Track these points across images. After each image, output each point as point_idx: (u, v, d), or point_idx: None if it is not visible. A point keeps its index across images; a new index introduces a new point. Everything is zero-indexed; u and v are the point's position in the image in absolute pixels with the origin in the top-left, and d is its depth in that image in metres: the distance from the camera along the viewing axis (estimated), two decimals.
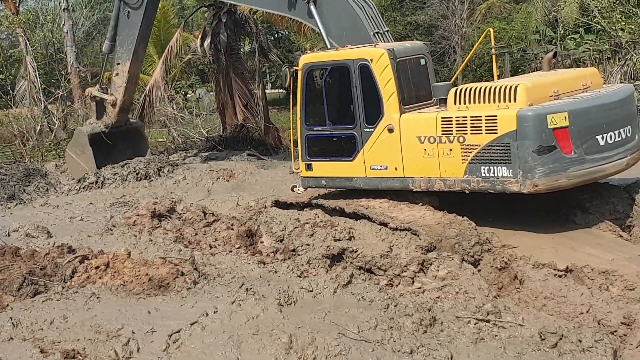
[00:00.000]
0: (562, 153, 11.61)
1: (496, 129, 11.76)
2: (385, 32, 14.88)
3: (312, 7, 15.35)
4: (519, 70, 27.14)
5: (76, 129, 22.12)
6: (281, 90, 37.12)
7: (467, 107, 12.16)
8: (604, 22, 25.83)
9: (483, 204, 13.04)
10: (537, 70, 22.91)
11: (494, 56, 15.00)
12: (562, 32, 27.50)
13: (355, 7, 14.84)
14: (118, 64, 20.29)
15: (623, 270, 10.58)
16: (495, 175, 11.91)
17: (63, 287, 11.00)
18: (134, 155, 21.43)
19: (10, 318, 9.72)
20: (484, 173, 12.00)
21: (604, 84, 14.45)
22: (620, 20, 25.31)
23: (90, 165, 20.58)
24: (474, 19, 31.28)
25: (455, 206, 12.68)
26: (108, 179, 20.09)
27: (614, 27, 25.67)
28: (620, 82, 22.01)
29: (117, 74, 20.43)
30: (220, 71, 25.58)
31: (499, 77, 14.10)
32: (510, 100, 11.76)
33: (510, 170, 11.73)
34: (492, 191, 12.06)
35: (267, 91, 29.86)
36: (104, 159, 20.61)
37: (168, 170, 20.74)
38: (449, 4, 31.39)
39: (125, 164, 20.78)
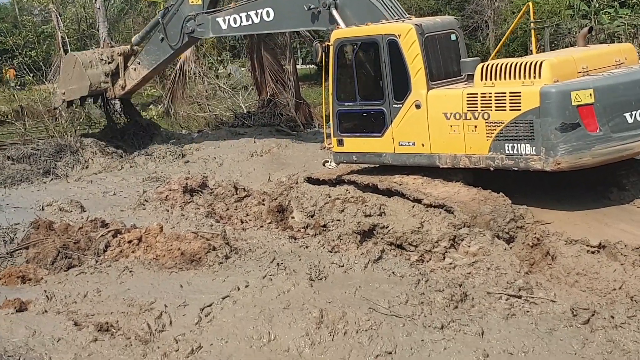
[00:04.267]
0: (586, 131, 11.39)
1: (520, 106, 11.61)
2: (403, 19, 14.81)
3: (335, 12, 15.28)
4: (553, 45, 26.80)
5: (87, 60, 21.39)
6: (312, 66, 36.94)
7: (493, 84, 12.03)
8: None
9: (517, 179, 12.94)
10: (571, 45, 22.64)
11: (533, 31, 14.80)
12: (596, 6, 27.09)
13: (376, 2, 14.74)
14: (139, 63, 20.65)
15: None
16: (519, 152, 11.76)
17: (96, 261, 11.14)
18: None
19: (45, 291, 9.86)
20: (508, 150, 11.87)
21: None
22: None
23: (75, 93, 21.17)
24: None
25: (490, 181, 12.61)
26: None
27: None
28: None
29: (134, 69, 20.79)
30: (252, 47, 25.54)
31: (538, 52, 13.89)
32: (535, 77, 11.59)
33: (534, 148, 11.58)
34: (515, 169, 11.95)
35: (297, 67, 29.77)
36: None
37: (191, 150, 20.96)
38: None
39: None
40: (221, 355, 8.34)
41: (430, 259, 11.30)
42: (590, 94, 11.34)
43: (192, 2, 18.83)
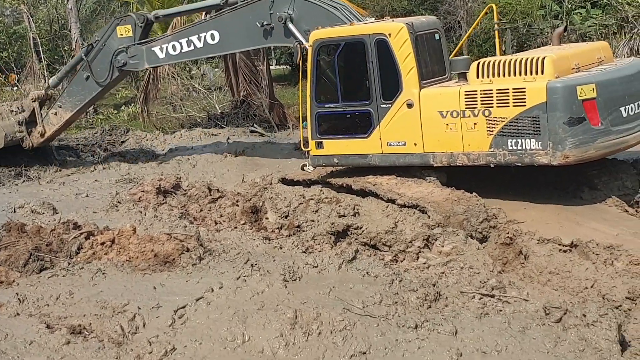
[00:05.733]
0: (590, 125, 11.63)
1: (524, 101, 11.73)
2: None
3: (290, 25, 15.02)
4: (525, 46, 26.96)
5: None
6: (286, 67, 36.90)
7: (490, 81, 12.10)
8: None
9: (490, 178, 13.02)
10: (543, 45, 22.77)
11: (496, 32, 14.93)
12: (568, 6, 27.27)
13: (334, 10, 14.57)
14: (60, 106, 19.36)
15: (628, 245, 10.59)
16: (523, 147, 11.87)
17: (69, 263, 11.05)
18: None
19: (17, 294, 9.78)
20: (511, 146, 11.96)
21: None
22: None
23: None
24: None
25: (463, 180, 12.67)
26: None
27: (620, 2, 25.49)
28: (628, 57, 21.92)
29: (55, 113, 19.50)
30: None
31: (503, 53, 14.03)
32: (537, 73, 11.74)
33: (540, 143, 11.72)
34: (519, 164, 12.04)
35: (271, 67, 29.72)
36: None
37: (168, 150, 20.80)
38: None
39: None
40: (195, 357, 8.30)
41: (404, 259, 11.33)
42: (593, 89, 11.62)
43: (121, 34, 17.88)
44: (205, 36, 16.65)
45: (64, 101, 19.31)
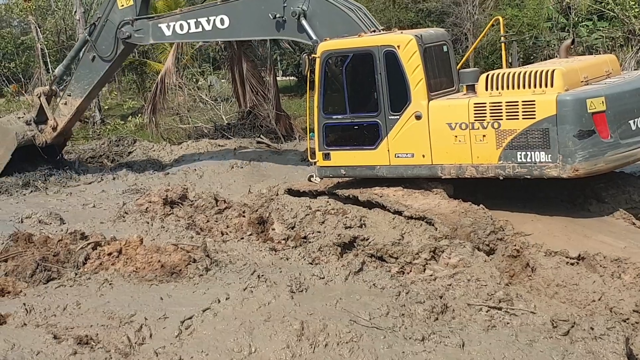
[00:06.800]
0: (600, 137, 11.62)
1: (534, 114, 11.73)
2: (382, 32, 14.70)
3: (304, 22, 15.02)
4: (531, 58, 26.98)
5: (6, 120, 20.48)
6: (292, 78, 36.95)
7: (499, 93, 12.11)
8: (617, 9, 25.65)
9: (498, 191, 13.01)
10: (550, 57, 22.78)
11: (503, 44, 14.95)
12: (574, 19, 27.29)
13: (348, 11, 14.59)
14: (69, 95, 19.33)
15: (635, 257, 10.55)
16: (533, 160, 11.87)
17: (76, 274, 11.06)
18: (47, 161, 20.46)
19: (24, 304, 9.76)
20: (520, 158, 11.96)
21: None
22: (633, 7, 25.14)
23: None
24: (486, 5, 31.09)
25: (470, 194, 12.65)
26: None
27: (627, 14, 25.50)
28: (635, 69, 21.92)
29: (65, 103, 19.47)
30: (232, 58, 25.58)
31: (509, 65, 14.04)
32: (546, 85, 11.75)
33: (549, 155, 11.72)
34: (528, 177, 12.04)
35: (278, 78, 29.79)
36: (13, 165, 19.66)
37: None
38: None
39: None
40: None
41: (410, 271, 11.31)
42: (603, 102, 11.64)
43: (122, 5, 17.78)
44: (215, 20, 16.58)
45: (73, 88, 19.31)
